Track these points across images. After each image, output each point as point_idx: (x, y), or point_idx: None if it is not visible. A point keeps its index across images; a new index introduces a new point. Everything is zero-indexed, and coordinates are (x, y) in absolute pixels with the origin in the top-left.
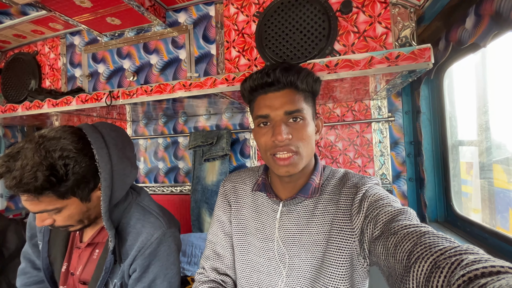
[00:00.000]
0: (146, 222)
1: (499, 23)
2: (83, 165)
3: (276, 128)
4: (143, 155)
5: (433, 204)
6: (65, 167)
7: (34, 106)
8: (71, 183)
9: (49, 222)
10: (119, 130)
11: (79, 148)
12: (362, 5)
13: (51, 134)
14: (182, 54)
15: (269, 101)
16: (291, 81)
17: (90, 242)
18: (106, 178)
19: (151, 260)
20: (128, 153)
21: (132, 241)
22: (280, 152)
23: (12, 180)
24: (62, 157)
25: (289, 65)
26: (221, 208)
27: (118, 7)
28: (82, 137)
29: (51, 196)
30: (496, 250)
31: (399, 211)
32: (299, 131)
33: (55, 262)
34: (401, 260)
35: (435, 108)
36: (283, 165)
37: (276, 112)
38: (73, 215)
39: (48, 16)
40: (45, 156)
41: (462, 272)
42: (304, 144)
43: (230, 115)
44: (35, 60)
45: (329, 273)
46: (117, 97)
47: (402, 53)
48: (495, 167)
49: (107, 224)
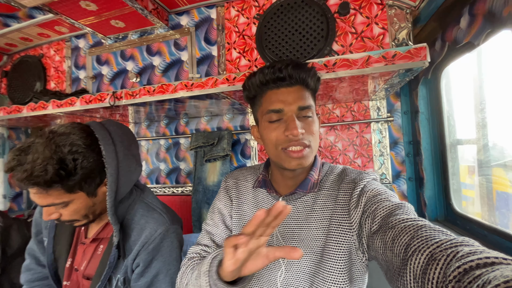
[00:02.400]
0: (150, 218)
1: (492, 22)
2: (90, 160)
3: (291, 123)
4: (145, 156)
5: (433, 203)
6: (74, 162)
7: (39, 107)
8: (79, 177)
9: (55, 216)
10: (125, 128)
11: (87, 144)
12: (359, 7)
13: (61, 130)
14: (184, 55)
15: (282, 96)
16: (303, 78)
17: (95, 238)
18: (112, 173)
19: (154, 255)
20: (133, 151)
21: (136, 236)
22: (294, 146)
23: (23, 173)
24: (71, 151)
25: (299, 62)
26: (222, 202)
27: (122, 10)
28: (90, 134)
29: (59, 190)
30: (496, 247)
31: (397, 205)
32: (310, 126)
33: (60, 258)
34: (399, 254)
35: (433, 108)
36: (296, 157)
37: (290, 107)
38: (79, 209)
39: (54, 19)
40: (55, 151)
41: (458, 264)
42: (314, 138)
43: (231, 117)
44: (41, 62)
45: (328, 267)
46: (120, 97)
47: (399, 52)
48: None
49: (112, 219)
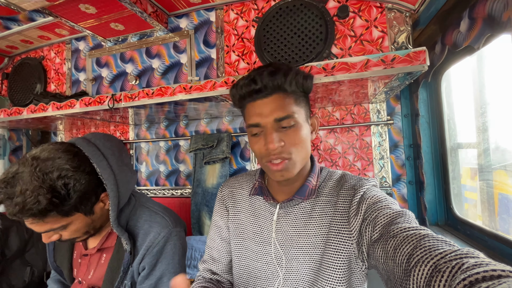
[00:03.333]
0: (153, 223)
1: (491, 25)
2: (83, 182)
3: (268, 136)
4: (144, 158)
5: (433, 207)
6: (66, 187)
7: (39, 109)
8: (74, 201)
9: (55, 238)
10: (113, 138)
11: (75, 165)
12: (359, 10)
13: (44, 155)
14: (183, 58)
15: (258, 108)
16: (279, 84)
17: (99, 248)
18: (113, 188)
19: (158, 258)
20: (125, 160)
21: (141, 241)
22: (274, 159)
23: (15, 207)
24: (60, 177)
25: (276, 67)
26: (218, 214)
27: (122, 13)
28: (77, 154)
29: (55, 216)
30: (497, 253)
31: (398, 213)
32: (291, 136)
33: (63, 268)
34: (401, 264)
35: (433, 111)
36: (277, 170)
37: (266, 120)
38: (79, 228)
39: (55, 22)
40: (43, 179)
41: (463, 276)
42: (298, 149)
43: (231, 119)
44: (41, 65)
45: (326, 275)
46: (120, 100)
47: (398, 55)
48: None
49: (117, 230)
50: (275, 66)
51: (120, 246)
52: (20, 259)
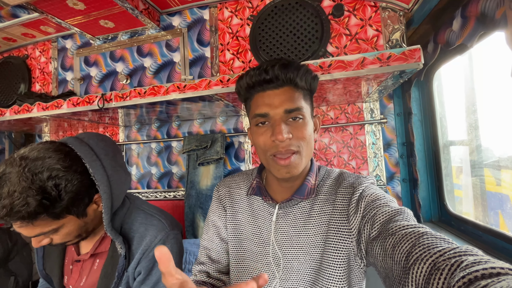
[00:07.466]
0: (149, 225)
1: (484, 24)
2: (75, 183)
3: (276, 127)
4: (135, 160)
5: (427, 204)
6: (57, 188)
7: (23, 110)
8: (65, 203)
9: (46, 242)
10: (106, 138)
11: (67, 165)
12: (354, 9)
13: (34, 154)
14: (176, 57)
15: (268, 99)
16: (291, 78)
17: (92, 253)
18: (106, 190)
19: (154, 262)
20: (119, 161)
21: (136, 245)
22: (281, 153)
23: (1, 210)
24: (51, 177)
25: (287, 61)
26: (216, 213)
27: (112, 9)
28: (68, 153)
29: (46, 219)
30: (491, 247)
31: (396, 211)
32: (299, 130)
33: (53, 275)
34: (399, 261)
35: (425, 110)
36: (284, 165)
37: (276, 111)
38: (71, 232)
39: (40, 19)
40: (32, 180)
41: (462, 274)
42: (305, 143)
43: (225, 119)
44: (25, 64)
45: (327, 274)
46: (110, 99)
47: (393, 54)
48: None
49: (111, 234)
50: (287, 60)
51: (115, 251)
52: (3, 268)
